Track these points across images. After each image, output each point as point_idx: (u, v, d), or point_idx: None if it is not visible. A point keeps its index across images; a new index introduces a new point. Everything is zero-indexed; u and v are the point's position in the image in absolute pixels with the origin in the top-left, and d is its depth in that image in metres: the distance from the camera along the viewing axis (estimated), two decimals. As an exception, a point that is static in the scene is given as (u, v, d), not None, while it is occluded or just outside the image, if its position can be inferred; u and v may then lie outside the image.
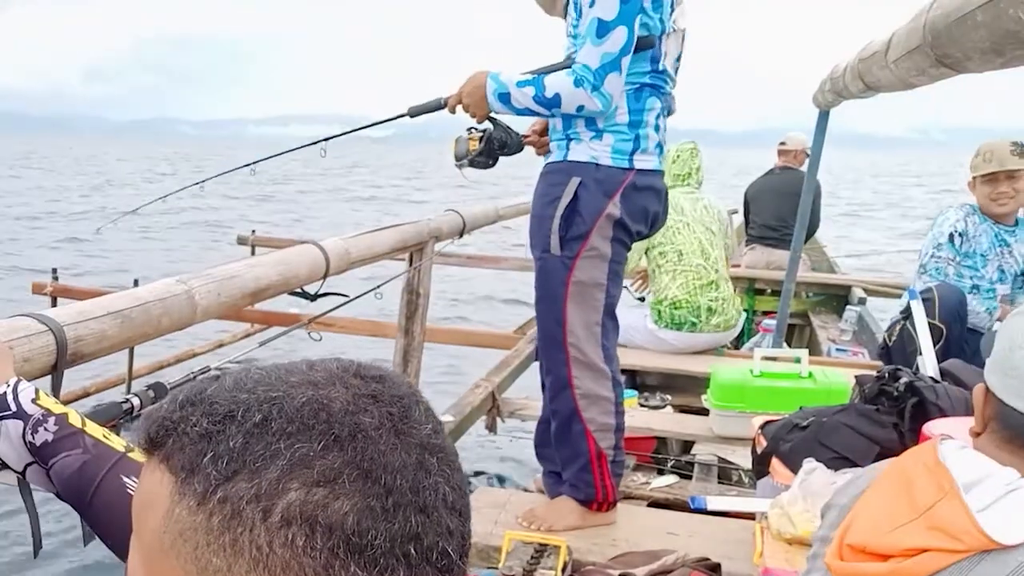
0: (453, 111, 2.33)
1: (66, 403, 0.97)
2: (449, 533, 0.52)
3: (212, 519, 0.49)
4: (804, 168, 5.76)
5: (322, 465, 0.49)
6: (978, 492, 0.95)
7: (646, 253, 4.22)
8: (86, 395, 5.46)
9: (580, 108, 2.14)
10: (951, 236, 3.50)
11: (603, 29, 2.06)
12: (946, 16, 1.40)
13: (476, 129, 2.37)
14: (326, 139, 2.44)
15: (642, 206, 2.32)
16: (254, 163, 2.44)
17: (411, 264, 2.42)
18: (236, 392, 0.52)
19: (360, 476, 0.49)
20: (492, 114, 2.33)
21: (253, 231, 7.29)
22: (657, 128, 2.31)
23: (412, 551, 0.49)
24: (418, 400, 0.56)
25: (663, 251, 4.18)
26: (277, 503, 0.48)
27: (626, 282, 4.71)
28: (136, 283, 3.62)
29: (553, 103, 2.15)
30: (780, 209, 5.84)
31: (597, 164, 2.25)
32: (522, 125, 2.48)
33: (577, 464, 2.44)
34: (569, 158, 2.27)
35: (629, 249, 2.40)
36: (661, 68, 2.26)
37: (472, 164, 2.38)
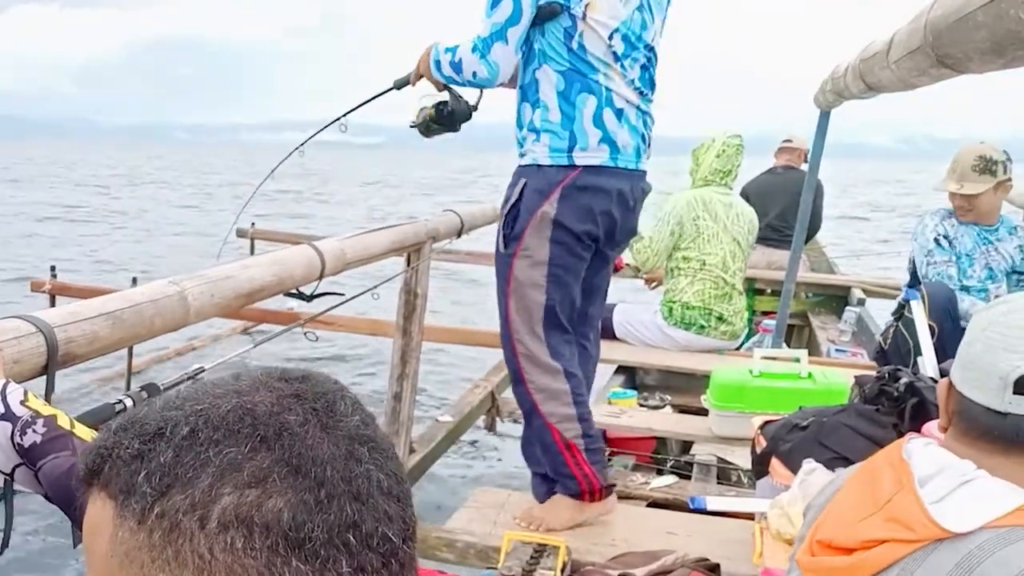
0: (414, 84, 2.44)
1: (61, 400, 0.96)
2: (388, 518, 0.52)
3: (153, 535, 0.49)
4: (804, 167, 5.75)
5: (251, 466, 0.49)
6: (933, 485, 0.98)
7: (672, 252, 4.23)
8: (83, 389, 5.46)
9: (474, 74, 2.25)
10: (936, 240, 3.51)
11: (494, 2, 2.20)
12: (947, 16, 1.39)
13: (427, 97, 2.47)
14: (344, 115, 2.55)
15: (585, 205, 2.32)
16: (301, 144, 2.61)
17: (409, 264, 2.41)
18: (165, 411, 0.53)
19: (290, 472, 0.50)
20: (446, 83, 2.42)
21: (253, 224, 7.27)
22: (598, 122, 2.28)
23: (351, 539, 0.50)
24: (343, 395, 0.56)
25: (687, 256, 4.18)
26: (212, 509, 0.49)
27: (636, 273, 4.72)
28: (135, 281, 3.61)
29: (458, 67, 2.26)
30: (784, 209, 5.81)
31: (538, 165, 2.31)
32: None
33: (550, 458, 2.47)
34: (520, 163, 2.36)
35: (580, 253, 2.38)
36: (578, 49, 2.24)
37: (428, 130, 2.47)
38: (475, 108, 2.51)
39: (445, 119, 2.46)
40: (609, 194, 2.34)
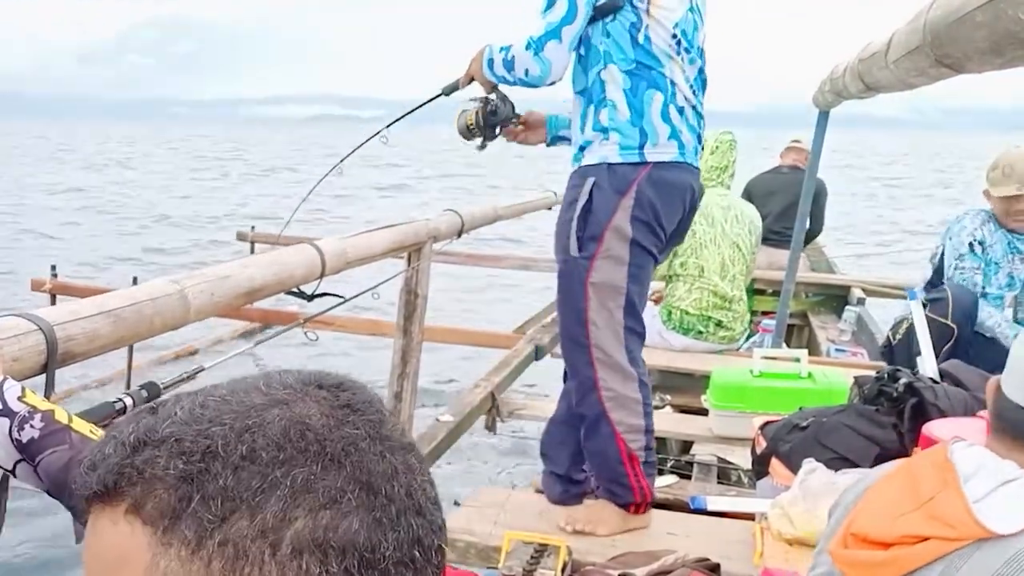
0: (463, 87, 2.41)
1: (61, 400, 0.96)
2: (439, 529, 0.52)
3: (212, 565, 0.46)
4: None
5: (324, 487, 0.47)
6: (974, 483, 0.98)
7: (671, 259, 4.22)
8: (84, 389, 5.47)
9: (526, 72, 2.23)
10: (971, 245, 3.47)
11: (549, 3, 2.20)
12: (946, 16, 1.40)
13: (472, 100, 2.44)
14: (387, 126, 2.54)
15: (663, 200, 2.29)
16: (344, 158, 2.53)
17: (409, 264, 2.41)
18: (200, 425, 0.49)
19: (362, 491, 0.48)
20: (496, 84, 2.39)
21: (252, 227, 7.26)
22: (666, 118, 2.27)
23: (417, 554, 0.49)
24: (382, 402, 0.55)
25: (684, 262, 4.17)
26: (284, 534, 0.46)
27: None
28: (135, 281, 3.61)
29: (511, 65, 2.24)
30: (786, 209, 5.81)
31: (608, 164, 2.27)
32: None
33: (609, 467, 2.41)
34: (583, 163, 2.31)
35: (654, 253, 2.35)
36: (644, 42, 2.24)
37: (469, 132, 2.44)
38: (519, 115, 2.48)
39: (487, 118, 2.42)
40: (681, 190, 2.33)
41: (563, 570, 2.23)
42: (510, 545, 2.31)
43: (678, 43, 2.27)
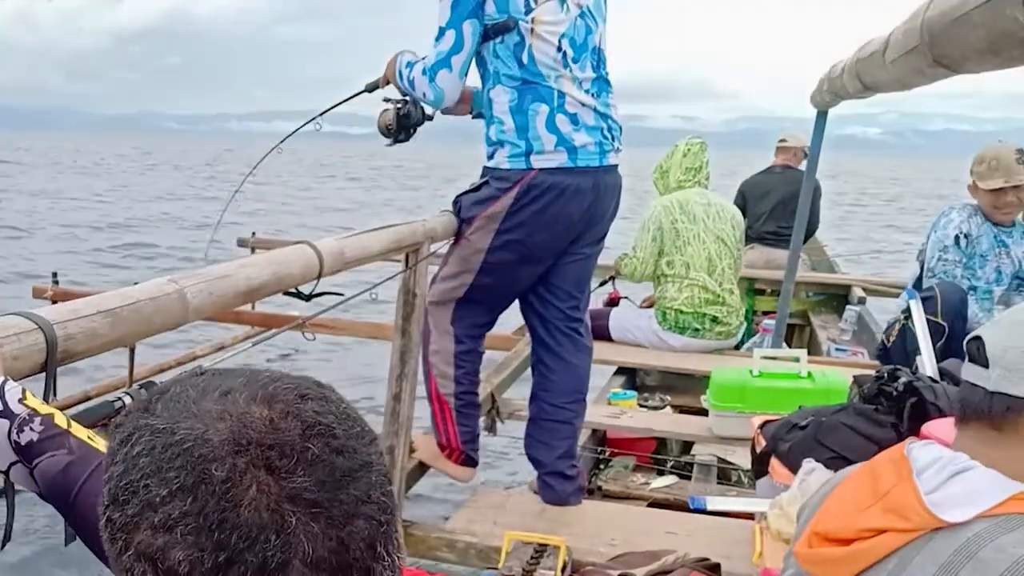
0: (383, 87, 2.59)
1: (65, 407, 0.96)
2: None
3: (104, 531, 0.56)
4: (802, 167, 5.75)
5: (164, 512, 0.52)
6: (927, 475, 1.00)
7: (656, 259, 4.25)
8: (87, 399, 5.46)
9: (424, 95, 2.44)
10: (956, 238, 3.48)
11: (439, 34, 2.36)
12: (943, 16, 1.40)
13: (389, 100, 2.60)
14: (320, 114, 2.66)
15: (546, 202, 2.42)
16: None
17: (407, 265, 2.42)
18: (148, 411, 0.56)
19: (195, 529, 0.52)
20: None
21: (253, 233, 7.26)
22: (552, 128, 2.39)
23: None
24: (328, 431, 0.56)
25: (670, 261, 4.20)
26: (134, 538, 0.53)
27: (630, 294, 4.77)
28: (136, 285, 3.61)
29: (412, 85, 2.45)
30: (782, 208, 5.82)
31: (501, 168, 2.45)
32: None
33: (429, 401, 2.67)
34: (486, 164, 2.52)
35: (524, 257, 2.49)
36: (529, 61, 2.36)
37: (388, 132, 2.61)
38: (430, 117, 2.63)
39: (401, 122, 2.59)
40: (565, 194, 2.43)
41: (563, 570, 2.24)
42: (510, 545, 2.32)
43: (564, 55, 2.38)
